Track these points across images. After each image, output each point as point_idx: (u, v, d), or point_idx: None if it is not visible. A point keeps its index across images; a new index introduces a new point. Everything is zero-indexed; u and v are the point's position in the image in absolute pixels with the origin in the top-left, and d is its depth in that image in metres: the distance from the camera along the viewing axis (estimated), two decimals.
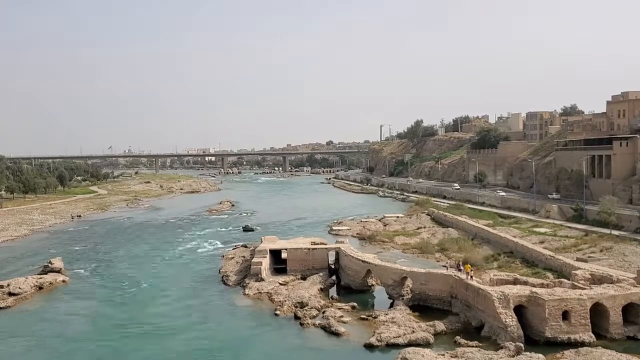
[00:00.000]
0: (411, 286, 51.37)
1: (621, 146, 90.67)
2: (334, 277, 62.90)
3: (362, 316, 48.38)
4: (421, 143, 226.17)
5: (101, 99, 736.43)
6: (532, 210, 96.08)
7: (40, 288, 60.94)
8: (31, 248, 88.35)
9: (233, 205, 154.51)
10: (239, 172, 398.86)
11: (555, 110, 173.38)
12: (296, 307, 50.64)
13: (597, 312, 41.29)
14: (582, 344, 39.23)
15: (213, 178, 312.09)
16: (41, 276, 64.24)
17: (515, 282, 47.87)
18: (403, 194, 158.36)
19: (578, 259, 57.70)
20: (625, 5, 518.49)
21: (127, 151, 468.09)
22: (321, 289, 57.48)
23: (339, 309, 49.85)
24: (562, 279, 48.79)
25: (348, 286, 59.26)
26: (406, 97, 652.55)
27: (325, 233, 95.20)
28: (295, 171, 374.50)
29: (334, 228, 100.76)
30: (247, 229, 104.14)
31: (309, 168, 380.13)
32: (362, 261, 57.97)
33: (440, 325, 44.29)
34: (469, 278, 47.24)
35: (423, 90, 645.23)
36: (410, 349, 38.52)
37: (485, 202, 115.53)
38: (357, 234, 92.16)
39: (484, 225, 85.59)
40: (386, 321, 45.39)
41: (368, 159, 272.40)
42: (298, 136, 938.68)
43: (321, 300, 53.33)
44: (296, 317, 48.62)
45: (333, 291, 58.83)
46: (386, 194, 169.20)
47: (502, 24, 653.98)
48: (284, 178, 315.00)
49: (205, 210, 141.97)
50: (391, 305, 51.34)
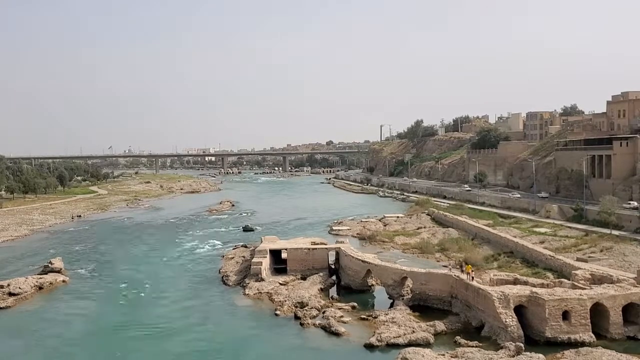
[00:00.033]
0: (411, 286, 51.36)
1: (621, 146, 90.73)
2: (334, 277, 62.86)
3: (362, 316, 48.34)
4: (421, 143, 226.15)
5: (101, 99, 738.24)
6: (532, 210, 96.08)
7: (40, 288, 60.93)
8: (31, 248, 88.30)
9: (233, 205, 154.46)
10: (239, 172, 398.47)
11: (555, 110, 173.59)
12: (296, 307, 50.60)
13: (597, 312, 41.27)
14: (582, 344, 39.20)
15: (213, 178, 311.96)
16: (41, 276, 64.22)
17: (515, 282, 47.85)
18: (403, 194, 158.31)
19: (578, 259, 57.67)
20: (625, 5, 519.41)
21: (127, 151, 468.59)
22: (321, 289, 57.45)
23: (339, 309, 49.80)
24: (562, 279, 48.76)
25: (348, 286, 59.24)
26: (406, 97, 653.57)
27: (325, 233, 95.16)
28: (295, 171, 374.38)
29: (334, 228, 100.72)
30: (247, 229, 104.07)
31: (309, 168, 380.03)
32: (362, 261, 57.95)
33: (440, 325, 44.26)
34: (470, 279, 47.21)
35: (423, 90, 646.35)
36: (410, 349, 38.51)
37: (485, 202, 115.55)
38: (357, 234, 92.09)
39: (484, 225, 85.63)
40: (386, 321, 45.35)
41: (368, 159, 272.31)
42: (298, 136, 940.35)
43: (321, 300, 53.29)
44: (296, 317, 48.59)
45: (333, 291, 58.78)
46: (386, 194, 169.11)
47: (502, 24, 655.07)
48: (284, 178, 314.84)
49: (205, 210, 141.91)
50: (391, 305, 51.31)
